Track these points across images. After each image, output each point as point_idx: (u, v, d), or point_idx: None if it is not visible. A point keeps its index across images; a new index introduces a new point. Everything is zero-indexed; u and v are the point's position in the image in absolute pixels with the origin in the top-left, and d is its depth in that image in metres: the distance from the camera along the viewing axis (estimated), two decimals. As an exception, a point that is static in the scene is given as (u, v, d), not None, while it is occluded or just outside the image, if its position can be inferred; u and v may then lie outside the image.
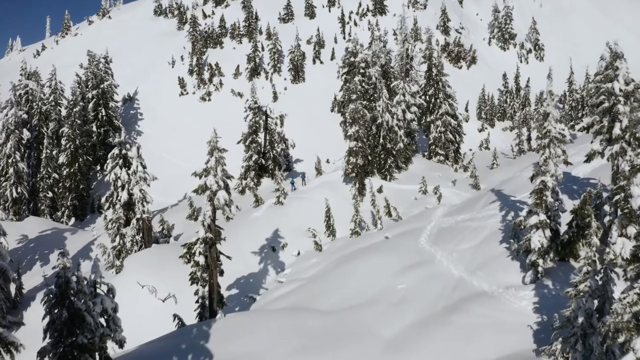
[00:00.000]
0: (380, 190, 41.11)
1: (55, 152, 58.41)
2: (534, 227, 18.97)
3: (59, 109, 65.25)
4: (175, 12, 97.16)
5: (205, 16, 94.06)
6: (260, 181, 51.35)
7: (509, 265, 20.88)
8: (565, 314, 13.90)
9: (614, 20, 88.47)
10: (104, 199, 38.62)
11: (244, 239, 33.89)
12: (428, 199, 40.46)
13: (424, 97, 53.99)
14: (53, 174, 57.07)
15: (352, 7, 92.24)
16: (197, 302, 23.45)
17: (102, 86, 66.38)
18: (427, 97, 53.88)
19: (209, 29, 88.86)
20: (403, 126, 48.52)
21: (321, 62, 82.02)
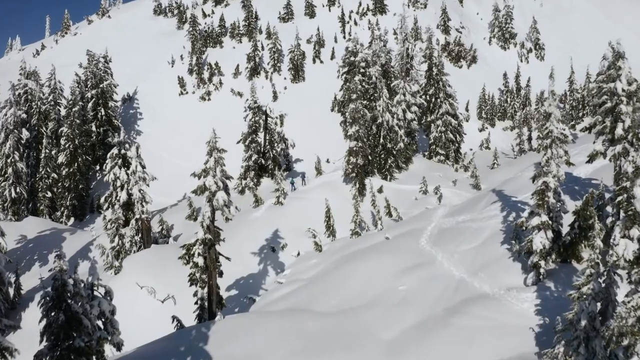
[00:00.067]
0: (380, 191, 40.94)
1: (54, 151, 58.23)
2: (535, 228, 18.81)
3: (58, 108, 65.02)
4: (175, 12, 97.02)
5: (205, 15, 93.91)
6: (260, 181, 51.19)
7: (510, 266, 20.71)
8: (567, 316, 13.76)
9: (614, 20, 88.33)
10: (103, 199, 38.51)
11: (244, 240, 33.72)
12: (428, 199, 40.28)
13: (424, 96, 53.82)
14: (52, 173, 56.91)
15: (352, 7, 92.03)
16: (196, 303, 23.29)
17: (101, 86, 66.22)
18: (428, 96, 53.71)
19: (209, 28, 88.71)
20: (403, 126, 48.35)
21: (321, 62, 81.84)
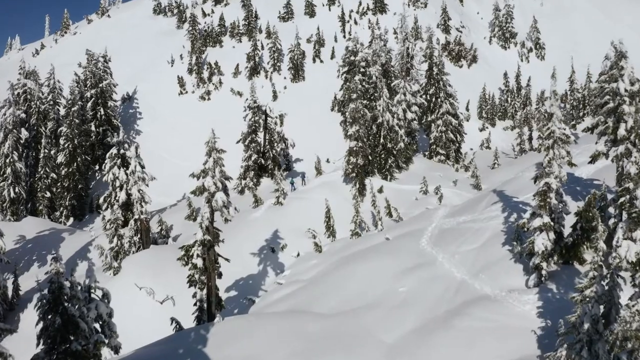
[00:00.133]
0: (380, 191, 40.76)
1: (53, 151, 58.03)
2: (537, 229, 18.65)
3: (57, 108, 64.80)
4: (175, 11, 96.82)
5: (204, 15, 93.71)
6: (260, 181, 51.00)
7: (511, 268, 20.55)
8: (570, 319, 13.60)
9: (614, 20, 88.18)
10: (102, 199, 38.36)
11: (243, 240, 33.55)
12: (429, 199, 40.09)
13: (424, 96, 53.63)
14: (51, 173, 56.73)
15: (352, 6, 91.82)
16: (195, 305, 23.13)
17: (100, 85, 65.99)
18: (428, 96, 53.51)
19: (209, 27, 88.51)
20: (404, 125, 48.14)
21: (321, 61, 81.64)
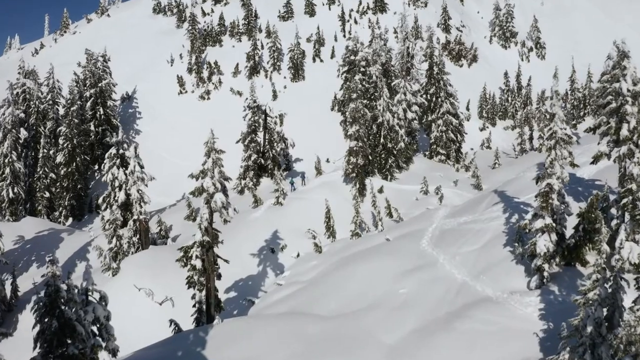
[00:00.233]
0: (380, 191, 40.59)
1: (52, 151, 57.91)
2: (539, 230, 18.48)
3: (56, 107, 64.68)
4: (175, 10, 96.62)
5: (204, 14, 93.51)
6: (260, 181, 50.81)
7: (513, 269, 20.38)
8: (573, 322, 13.44)
9: (615, 19, 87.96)
10: (101, 200, 38.22)
11: (243, 241, 33.38)
12: (429, 200, 39.92)
13: (425, 95, 53.43)
14: (50, 173, 56.60)
15: (352, 5, 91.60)
16: (194, 306, 22.96)
17: (100, 85, 65.81)
18: (428, 95, 53.30)
19: (208, 27, 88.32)
20: (404, 125, 47.96)
21: (321, 61, 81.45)
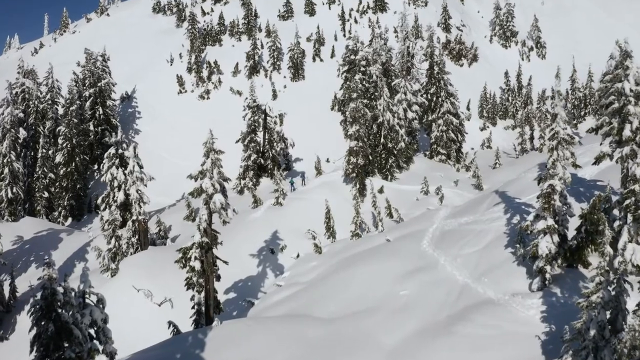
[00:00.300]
0: (381, 191, 40.41)
1: (51, 151, 57.71)
2: (541, 232, 18.32)
3: (55, 107, 64.39)
4: (174, 10, 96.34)
5: (204, 13, 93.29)
6: (259, 181, 50.63)
7: (515, 271, 20.20)
8: (576, 325, 13.28)
9: (615, 19, 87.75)
10: (100, 200, 38.08)
11: (242, 241, 33.18)
12: (430, 200, 39.74)
13: (425, 95, 53.23)
14: (49, 173, 56.40)
15: (352, 4, 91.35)
16: (193, 308, 22.80)
17: (99, 84, 65.58)
18: (429, 95, 53.12)
19: (208, 26, 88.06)
20: (404, 125, 47.74)
21: (321, 60, 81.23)
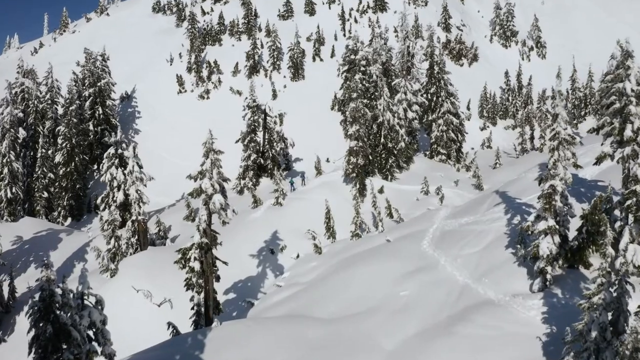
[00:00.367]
0: (381, 191, 40.32)
1: (51, 151, 57.61)
2: (542, 233, 18.25)
3: (55, 107, 64.24)
4: (174, 9, 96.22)
5: (204, 13, 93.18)
6: (259, 181, 50.52)
7: (515, 271, 20.13)
8: (577, 327, 13.21)
9: (615, 18, 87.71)
10: (99, 200, 38.01)
11: (242, 242, 33.10)
12: (430, 200, 39.65)
13: (425, 95, 53.10)
14: (49, 173, 56.29)
15: (352, 4, 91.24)
16: (192, 308, 22.71)
17: (99, 84, 65.46)
18: (429, 95, 52.98)
19: (208, 26, 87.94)
20: (404, 125, 47.63)
21: (321, 60, 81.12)
